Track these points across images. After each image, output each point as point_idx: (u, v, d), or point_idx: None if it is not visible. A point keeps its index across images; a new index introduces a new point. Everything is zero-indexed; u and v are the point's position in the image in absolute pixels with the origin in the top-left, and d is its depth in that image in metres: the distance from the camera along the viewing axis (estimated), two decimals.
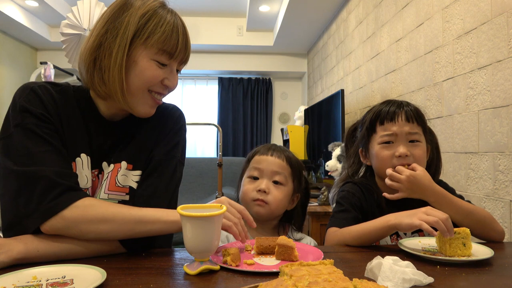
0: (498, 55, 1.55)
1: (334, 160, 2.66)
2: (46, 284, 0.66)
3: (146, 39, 0.88)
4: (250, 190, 1.14)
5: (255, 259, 0.84)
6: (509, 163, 1.49)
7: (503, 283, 0.72)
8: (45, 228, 0.80)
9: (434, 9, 2.03)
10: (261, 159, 1.17)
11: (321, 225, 2.37)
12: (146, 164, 0.97)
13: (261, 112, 5.94)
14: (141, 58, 0.89)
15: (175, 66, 0.95)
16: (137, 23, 0.88)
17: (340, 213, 1.10)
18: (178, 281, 0.71)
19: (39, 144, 0.84)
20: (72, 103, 0.94)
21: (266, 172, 1.14)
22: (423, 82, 2.14)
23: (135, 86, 0.90)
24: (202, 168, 4.43)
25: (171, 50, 0.91)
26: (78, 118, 0.93)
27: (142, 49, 0.89)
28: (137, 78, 0.90)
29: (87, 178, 0.92)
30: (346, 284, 0.54)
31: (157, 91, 0.94)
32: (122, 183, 0.94)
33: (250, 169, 1.18)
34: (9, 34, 4.71)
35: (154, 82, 0.92)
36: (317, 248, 0.93)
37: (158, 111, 1.03)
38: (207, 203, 0.90)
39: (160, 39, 0.89)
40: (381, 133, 1.11)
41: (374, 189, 1.14)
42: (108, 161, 0.95)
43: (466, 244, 0.86)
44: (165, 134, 1.01)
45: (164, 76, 0.93)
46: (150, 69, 0.90)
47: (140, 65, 0.89)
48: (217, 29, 5.21)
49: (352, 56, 3.42)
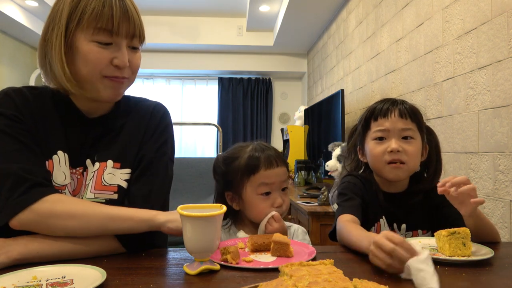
0: (498, 55, 1.55)
1: (334, 160, 2.66)
2: (46, 284, 0.66)
3: (79, 21, 0.85)
4: (267, 208, 1.09)
5: (252, 256, 0.86)
6: (509, 163, 1.49)
7: (503, 283, 0.72)
8: (13, 223, 0.80)
9: (434, 9, 2.03)
10: (267, 174, 1.09)
11: (321, 225, 2.37)
12: (136, 163, 0.96)
13: (261, 112, 5.94)
14: (80, 43, 0.86)
15: (123, 43, 0.88)
16: (69, 8, 0.85)
17: (346, 201, 1.10)
18: (178, 281, 0.71)
19: (9, 143, 0.85)
20: (49, 104, 0.94)
21: (276, 185, 1.10)
22: (423, 82, 2.14)
23: (86, 74, 0.88)
24: (202, 168, 4.43)
25: (107, 25, 0.85)
26: (55, 118, 0.93)
27: (79, 33, 0.85)
28: (84, 65, 0.87)
29: (65, 175, 0.91)
30: (346, 284, 0.54)
31: (111, 74, 0.89)
32: (109, 182, 0.93)
33: (258, 186, 1.09)
34: (9, 34, 4.71)
35: (101, 65, 0.87)
36: (308, 244, 0.96)
37: (141, 108, 1.02)
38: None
39: (91, 16, 0.84)
40: (374, 129, 1.12)
41: (373, 182, 1.15)
42: (92, 158, 0.94)
43: (466, 244, 0.85)
44: (152, 132, 1.00)
45: (112, 56, 0.88)
46: (92, 52, 0.86)
47: (81, 50, 0.86)
48: (217, 29, 5.21)
49: (352, 56, 3.42)
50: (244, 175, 1.09)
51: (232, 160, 1.12)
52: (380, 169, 1.11)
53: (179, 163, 3.28)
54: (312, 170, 3.81)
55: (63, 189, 0.90)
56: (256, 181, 1.08)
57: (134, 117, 1.01)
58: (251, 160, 1.10)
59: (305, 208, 2.45)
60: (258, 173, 1.08)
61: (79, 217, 0.82)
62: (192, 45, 5.32)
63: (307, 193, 3.09)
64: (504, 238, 1.50)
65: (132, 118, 1.00)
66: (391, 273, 0.71)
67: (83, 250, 0.83)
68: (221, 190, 1.15)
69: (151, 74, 5.84)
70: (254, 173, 1.08)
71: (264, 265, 0.79)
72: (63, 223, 0.81)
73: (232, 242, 0.96)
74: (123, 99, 1.03)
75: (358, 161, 1.23)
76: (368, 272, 0.76)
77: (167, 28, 5.12)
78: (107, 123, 0.98)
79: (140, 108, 1.03)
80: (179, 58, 5.58)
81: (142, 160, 0.96)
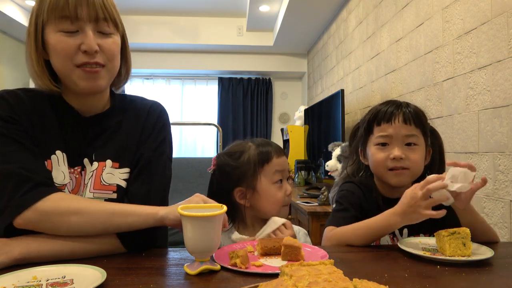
0: (498, 55, 1.55)
1: (334, 160, 2.66)
2: (46, 284, 0.66)
3: (44, 16, 0.86)
4: (282, 197, 1.13)
5: (262, 260, 0.83)
6: (509, 163, 1.49)
7: (503, 283, 0.72)
8: (18, 221, 0.80)
9: (434, 9, 2.03)
10: (279, 161, 1.13)
11: (321, 225, 2.37)
12: (134, 162, 0.96)
13: (261, 112, 5.94)
14: (50, 36, 0.87)
15: (88, 28, 0.87)
16: (37, 6, 0.87)
17: (339, 212, 1.09)
18: (178, 281, 0.71)
19: (7, 145, 0.85)
20: (44, 105, 0.94)
21: (285, 173, 1.15)
22: (423, 82, 2.14)
23: (59, 66, 0.89)
24: (202, 168, 4.42)
25: (65, 12, 0.85)
26: (51, 118, 0.93)
27: (47, 27, 0.87)
28: (56, 57, 0.88)
29: (64, 174, 0.91)
30: (346, 284, 0.54)
31: (83, 61, 0.87)
32: (108, 182, 0.93)
33: (273, 174, 1.12)
34: (9, 34, 4.71)
35: (70, 53, 0.86)
36: (319, 248, 0.93)
37: (138, 106, 1.02)
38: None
39: (49, 7, 0.85)
40: (377, 134, 1.10)
41: (373, 188, 1.13)
42: (89, 158, 0.95)
43: (466, 244, 0.85)
44: (150, 132, 1.00)
45: (79, 42, 0.86)
46: (59, 42, 0.86)
47: (51, 43, 0.87)
48: (217, 29, 5.21)
49: (352, 56, 3.42)
50: (258, 165, 1.10)
51: (240, 154, 1.13)
52: (382, 175, 1.10)
53: (179, 163, 3.27)
54: (312, 170, 3.81)
55: (63, 188, 0.90)
56: (271, 169, 1.11)
57: (130, 115, 1.01)
58: (263, 148, 1.12)
59: (305, 208, 2.45)
60: (272, 161, 1.11)
61: (83, 214, 0.82)
62: (192, 45, 5.32)
63: (307, 193, 3.09)
64: (504, 238, 1.50)
65: (128, 116, 1.00)
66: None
67: (84, 250, 0.83)
68: (229, 188, 1.12)
69: (151, 74, 5.84)
70: (268, 162, 1.11)
71: (275, 270, 0.75)
72: (68, 220, 0.81)
73: (240, 245, 0.94)
74: (118, 97, 1.03)
75: (359, 163, 1.21)
76: (368, 272, 0.76)
77: (167, 28, 5.12)
78: (102, 122, 0.98)
79: (136, 106, 1.03)
80: (179, 58, 5.57)
81: (141, 159, 0.96)
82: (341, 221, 1.04)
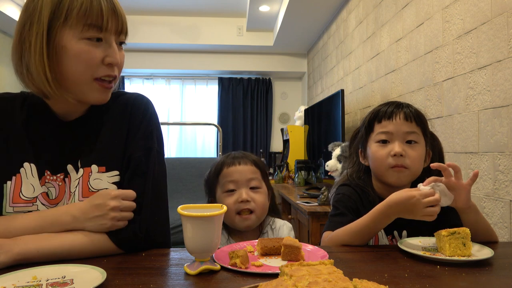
0: (498, 55, 1.55)
1: (334, 160, 2.66)
2: (46, 284, 0.66)
3: (65, 18, 0.80)
4: (231, 204, 1.14)
5: (261, 260, 0.83)
6: (509, 163, 1.49)
7: (503, 283, 0.72)
8: None
9: (434, 9, 2.03)
10: (229, 171, 1.17)
11: (321, 225, 2.36)
12: (125, 164, 0.92)
13: (261, 112, 5.94)
14: (68, 41, 0.81)
15: (112, 40, 0.85)
16: (51, 4, 0.80)
17: (336, 216, 1.08)
18: (178, 281, 0.71)
19: None
20: (16, 113, 0.90)
21: (241, 182, 1.16)
22: (423, 82, 2.14)
23: (75, 75, 0.83)
24: (202, 168, 4.43)
25: (97, 21, 0.81)
26: (22, 126, 0.89)
27: (67, 30, 0.81)
28: (74, 66, 0.82)
29: (34, 187, 0.87)
30: (346, 284, 0.54)
31: (104, 74, 0.85)
32: (96, 187, 0.88)
33: (223, 184, 1.17)
34: (9, 34, 4.71)
35: (94, 65, 0.83)
36: (319, 248, 0.93)
37: (120, 103, 0.96)
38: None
39: (80, 12, 0.80)
40: (377, 131, 1.10)
41: (369, 191, 1.12)
42: (74, 164, 0.90)
43: (466, 244, 0.85)
44: (137, 129, 0.94)
45: (104, 54, 0.84)
46: (83, 51, 0.82)
47: (70, 49, 0.81)
48: (217, 29, 5.21)
49: (352, 56, 3.42)
50: (215, 178, 1.20)
51: (211, 170, 1.24)
52: (382, 173, 1.09)
53: (179, 163, 3.28)
54: (312, 170, 3.81)
55: (34, 201, 0.87)
56: (222, 180, 1.18)
57: (113, 113, 0.95)
58: (218, 162, 1.21)
59: (305, 208, 2.45)
60: (222, 172, 1.18)
61: None
62: (192, 45, 5.32)
63: (307, 193, 3.09)
64: (504, 238, 1.50)
65: (111, 116, 0.95)
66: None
67: (84, 250, 0.83)
68: (208, 200, 1.25)
69: (151, 74, 5.83)
70: (220, 173, 1.18)
71: (274, 270, 0.75)
72: None
73: (240, 245, 0.94)
74: None
75: (359, 165, 1.21)
76: (368, 272, 0.76)
77: (167, 28, 5.12)
78: (84, 125, 0.94)
79: (119, 103, 0.96)
80: (179, 58, 5.57)
81: (131, 161, 0.92)
82: (338, 226, 1.03)
